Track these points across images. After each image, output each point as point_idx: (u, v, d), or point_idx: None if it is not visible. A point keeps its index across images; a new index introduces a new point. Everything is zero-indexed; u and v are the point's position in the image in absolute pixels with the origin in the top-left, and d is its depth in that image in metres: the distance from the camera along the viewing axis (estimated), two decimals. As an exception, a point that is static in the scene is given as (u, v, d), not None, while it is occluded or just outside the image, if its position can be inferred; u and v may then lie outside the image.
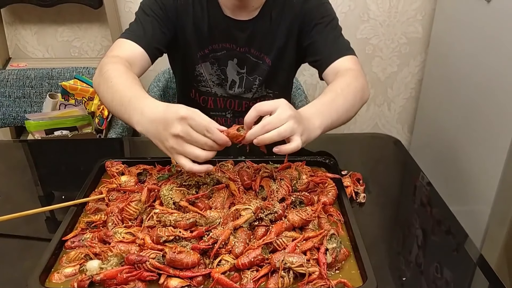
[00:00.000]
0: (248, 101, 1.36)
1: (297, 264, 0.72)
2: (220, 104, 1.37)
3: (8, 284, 0.76)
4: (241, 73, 1.32)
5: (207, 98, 1.37)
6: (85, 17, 2.11)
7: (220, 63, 1.30)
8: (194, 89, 1.37)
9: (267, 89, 1.36)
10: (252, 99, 1.36)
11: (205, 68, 1.31)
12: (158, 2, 1.21)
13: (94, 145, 1.31)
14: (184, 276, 0.72)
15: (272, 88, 1.36)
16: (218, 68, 1.31)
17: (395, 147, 1.24)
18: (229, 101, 1.36)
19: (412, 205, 1.01)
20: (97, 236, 0.81)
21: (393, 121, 2.42)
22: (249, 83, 1.33)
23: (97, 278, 0.71)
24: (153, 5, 1.21)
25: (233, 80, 1.33)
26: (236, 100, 1.36)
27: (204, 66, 1.30)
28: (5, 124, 1.78)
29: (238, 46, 1.27)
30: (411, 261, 0.82)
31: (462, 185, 1.73)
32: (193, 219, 0.79)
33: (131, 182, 0.94)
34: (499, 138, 1.49)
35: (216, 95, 1.36)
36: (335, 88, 1.06)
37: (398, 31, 2.17)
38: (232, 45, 1.27)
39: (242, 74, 1.32)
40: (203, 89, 1.35)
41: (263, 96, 1.37)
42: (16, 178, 1.11)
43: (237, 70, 1.31)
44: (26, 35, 2.16)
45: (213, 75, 1.32)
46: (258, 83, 1.33)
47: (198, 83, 1.34)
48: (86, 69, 1.74)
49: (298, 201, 0.89)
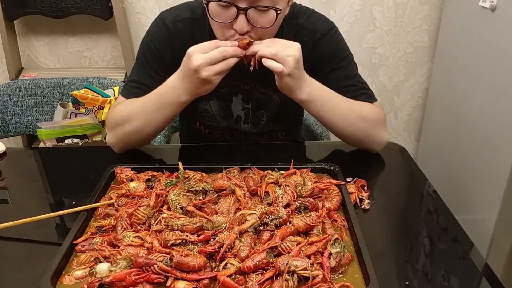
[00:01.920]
0: (255, 135, 1.32)
1: (301, 268, 0.73)
2: (228, 135, 1.34)
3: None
4: (247, 108, 1.27)
5: (213, 131, 1.33)
6: (96, 28, 2.15)
7: (225, 98, 1.26)
8: (198, 122, 1.33)
9: (276, 125, 1.31)
10: (260, 134, 1.31)
11: (212, 105, 1.28)
12: (153, 50, 1.18)
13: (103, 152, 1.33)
14: (190, 279, 0.73)
15: (281, 124, 1.31)
16: (223, 103, 1.27)
17: (401, 155, 1.24)
18: (235, 132, 1.33)
19: (417, 213, 1.01)
20: (107, 240, 0.83)
21: (400, 130, 2.43)
22: (255, 118, 1.29)
23: (107, 280, 0.72)
24: (149, 54, 1.19)
25: (239, 115, 1.29)
26: (243, 134, 1.33)
27: (212, 103, 1.27)
28: (17, 132, 1.82)
29: (242, 82, 1.22)
30: (416, 268, 0.83)
31: (468, 193, 1.73)
32: (199, 224, 0.81)
33: (140, 188, 0.96)
34: (505, 147, 1.49)
35: (224, 128, 1.32)
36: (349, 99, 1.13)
37: (404, 40, 2.19)
38: (236, 82, 1.22)
39: (247, 110, 1.28)
40: (208, 123, 1.32)
41: (272, 131, 1.32)
42: (27, 185, 1.13)
43: (242, 105, 1.27)
44: (38, 46, 2.21)
45: (220, 110, 1.29)
46: (266, 119, 1.29)
47: (203, 118, 1.31)
48: (96, 79, 1.77)
49: (302, 207, 0.90)
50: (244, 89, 1.24)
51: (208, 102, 1.28)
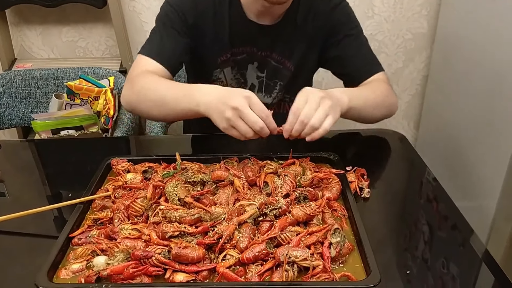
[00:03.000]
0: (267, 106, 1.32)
1: (301, 258, 0.72)
2: None
3: (16, 282, 0.77)
4: (261, 77, 1.30)
5: None
6: (90, 17, 2.12)
7: (240, 66, 1.28)
8: None
9: (285, 95, 1.34)
10: (271, 104, 1.34)
11: (226, 73, 1.28)
12: (176, 10, 1.18)
13: (100, 144, 1.32)
14: (189, 271, 0.73)
15: (291, 93, 1.33)
16: (237, 72, 1.29)
17: (400, 143, 1.24)
18: None
19: (418, 201, 1.01)
20: (104, 233, 0.82)
21: (398, 117, 2.41)
22: (269, 87, 1.31)
23: (104, 273, 0.72)
24: (172, 14, 1.18)
25: (253, 84, 1.31)
26: None
27: (226, 71, 1.28)
28: (12, 124, 1.80)
29: (259, 50, 1.25)
30: (417, 256, 0.82)
31: (468, 181, 1.72)
32: (198, 215, 0.80)
33: (137, 179, 0.95)
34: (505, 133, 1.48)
35: None
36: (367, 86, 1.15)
37: (403, 26, 2.16)
38: (253, 49, 1.25)
39: (261, 78, 1.30)
40: None
41: (280, 101, 1.35)
42: (23, 177, 1.12)
43: (257, 74, 1.29)
44: (31, 36, 2.17)
45: (233, 79, 1.30)
46: (279, 88, 1.31)
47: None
48: (91, 69, 1.75)
49: (302, 197, 0.89)
50: (260, 56, 1.26)
51: (223, 70, 1.28)
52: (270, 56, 1.27)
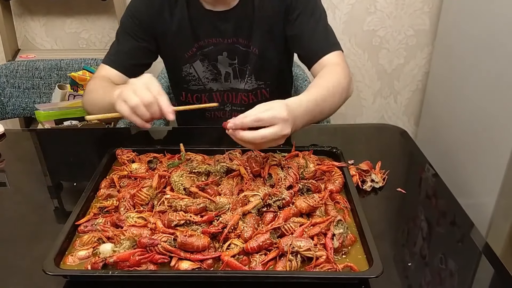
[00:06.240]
0: (244, 93, 1.34)
1: (305, 248, 0.73)
2: (217, 98, 1.36)
3: (21, 271, 0.78)
4: (233, 64, 1.30)
5: (201, 95, 1.35)
6: (93, 8, 2.12)
7: (210, 58, 1.28)
8: (184, 92, 1.36)
9: (257, 81, 1.33)
10: (247, 91, 1.34)
11: (196, 67, 1.30)
12: (131, 16, 1.24)
13: (103, 134, 1.33)
14: (194, 259, 0.74)
15: (263, 79, 1.33)
16: (209, 64, 1.29)
17: (401, 138, 1.24)
18: (226, 94, 1.35)
19: (419, 195, 1.02)
20: (110, 221, 0.83)
21: (399, 113, 2.42)
22: (242, 72, 1.31)
23: (110, 260, 0.73)
24: (127, 20, 1.24)
25: (227, 72, 1.32)
26: (232, 93, 1.35)
27: (195, 65, 1.29)
28: (15, 114, 1.80)
29: (225, 38, 1.25)
30: (418, 249, 0.84)
31: (467, 177, 1.73)
32: (203, 204, 0.81)
33: (142, 169, 0.96)
34: (505, 131, 1.49)
35: (211, 90, 1.34)
36: (327, 84, 1.06)
37: (405, 23, 2.17)
38: (219, 39, 1.25)
39: (234, 65, 1.30)
40: (194, 88, 1.34)
41: (256, 88, 1.34)
42: (26, 167, 1.12)
43: (228, 62, 1.29)
44: (35, 27, 2.17)
45: (206, 71, 1.31)
46: (248, 72, 1.31)
47: (187, 83, 1.33)
48: (94, 60, 1.75)
49: (305, 189, 0.90)
50: (227, 45, 1.26)
51: (192, 65, 1.29)
52: (236, 42, 1.26)
